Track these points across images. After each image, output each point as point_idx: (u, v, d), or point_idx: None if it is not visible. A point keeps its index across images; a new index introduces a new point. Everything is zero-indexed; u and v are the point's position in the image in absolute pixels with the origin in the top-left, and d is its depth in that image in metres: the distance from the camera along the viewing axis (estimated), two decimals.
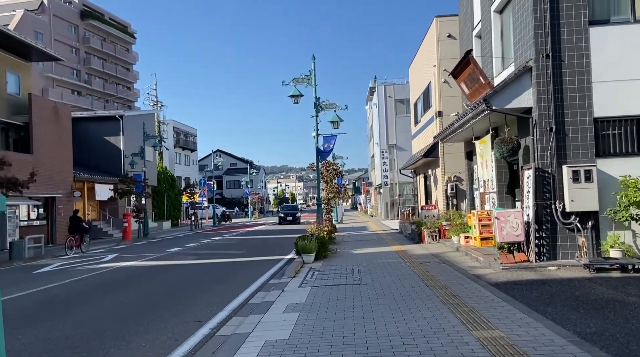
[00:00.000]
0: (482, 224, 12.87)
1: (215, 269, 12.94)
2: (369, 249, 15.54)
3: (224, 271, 12.59)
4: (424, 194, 20.98)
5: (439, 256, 12.77)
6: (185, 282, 10.94)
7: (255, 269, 12.57)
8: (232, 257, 15.65)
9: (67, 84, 69.34)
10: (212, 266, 13.75)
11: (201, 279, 11.31)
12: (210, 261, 14.76)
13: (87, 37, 73.25)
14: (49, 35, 65.84)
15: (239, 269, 12.84)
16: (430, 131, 19.18)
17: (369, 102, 57.02)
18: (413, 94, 23.11)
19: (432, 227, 16.06)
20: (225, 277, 11.40)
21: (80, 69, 73.44)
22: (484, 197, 14.28)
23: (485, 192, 14.18)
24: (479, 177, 14.45)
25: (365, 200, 63.62)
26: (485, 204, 14.02)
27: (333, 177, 23.92)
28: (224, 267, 13.40)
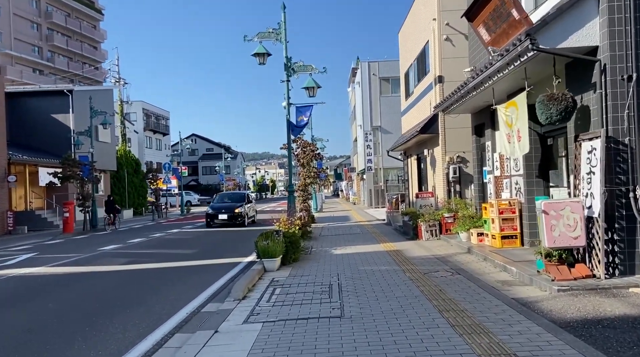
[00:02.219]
0: (503, 217, 9.65)
1: (139, 281, 9.49)
2: (353, 248, 12.26)
3: (149, 283, 9.15)
4: (417, 179, 17.80)
5: (446, 260, 9.52)
6: (76, 307, 7.45)
7: (196, 280, 9.16)
8: (177, 259, 12.19)
9: (27, 62, 64.19)
10: (139, 274, 10.28)
11: (105, 300, 7.86)
12: (143, 266, 11.28)
13: (49, 12, 68.03)
14: (7, 8, 60.58)
15: (175, 280, 9.41)
16: (426, 103, 15.86)
17: (351, 84, 53.52)
18: (404, 63, 19.75)
19: (430, 219, 12.84)
20: (142, 297, 7.96)
21: (42, 46, 68.25)
22: (499, 182, 11.06)
23: (501, 176, 10.96)
24: (494, 157, 11.22)
25: (347, 187, 60.46)
26: (503, 191, 10.80)
27: (311, 159, 20.52)
28: (154, 276, 9.95)
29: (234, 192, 31.47)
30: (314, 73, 13.57)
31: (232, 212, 21.38)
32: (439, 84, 14.00)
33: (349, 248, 12.40)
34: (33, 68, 67.06)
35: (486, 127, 11.61)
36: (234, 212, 21.43)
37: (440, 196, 14.34)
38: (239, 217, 21.36)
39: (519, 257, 8.44)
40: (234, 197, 24.49)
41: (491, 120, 11.30)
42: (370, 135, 35.56)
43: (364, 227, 18.89)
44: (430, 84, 14.88)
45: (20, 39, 64.53)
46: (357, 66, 43.99)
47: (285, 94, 13.73)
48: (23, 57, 63.64)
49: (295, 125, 13.69)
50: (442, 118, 13.96)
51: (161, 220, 30.91)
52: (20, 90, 30.23)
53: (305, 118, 13.75)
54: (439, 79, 13.98)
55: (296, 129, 13.75)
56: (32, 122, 29.37)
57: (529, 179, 9.43)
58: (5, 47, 61.20)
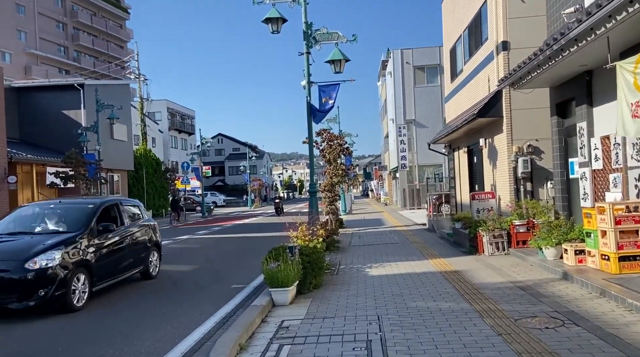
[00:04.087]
0: (621, 229, 6.56)
1: (96, 322, 6.84)
2: (393, 265, 9.34)
3: (107, 326, 6.47)
4: (468, 177, 14.71)
5: (538, 293, 6.50)
6: None
7: (174, 320, 6.42)
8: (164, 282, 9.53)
9: (53, 62, 63.52)
10: (100, 311, 7.64)
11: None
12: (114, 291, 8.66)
13: (75, 11, 67.37)
14: (32, 7, 59.95)
15: (140, 322, 6.70)
16: (481, 81, 12.78)
17: (381, 78, 50.37)
18: (449, 37, 16.64)
19: (495, 228, 9.78)
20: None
21: (68, 46, 67.66)
22: (602, 177, 7.95)
23: (606, 169, 7.86)
24: (591, 144, 8.11)
25: (378, 186, 57.26)
26: (609, 190, 7.70)
27: (338, 154, 17.62)
28: (122, 312, 7.29)
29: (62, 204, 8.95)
30: (341, 42, 10.72)
31: None
32: (502, 53, 10.92)
33: (388, 266, 9.48)
34: (59, 68, 66.50)
35: (577, 104, 8.51)
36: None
37: (504, 196, 11.27)
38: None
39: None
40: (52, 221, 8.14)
41: (587, 92, 8.20)
42: (404, 129, 32.41)
43: (402, 233, 15.90)
44: (488, 55, 11.80)
45: (46, 38, 63.87)
46: (388, 58, 40.87)
47: (305, 70, 10.92)
48: (48, 57, 63.00)
49: (318, 109, 10.87)
50: (506, 96, 10.88)
51: (179, 223, 28.61)
52: (29, 84, 28.39)
53: (330, 100, 10.91)
54: (502, 46, 10.90)
55: (319, 114, 10.93)
56: (42, 119, 27.46)
57: None
58: (31, 47, 60.58)
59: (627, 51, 6.52)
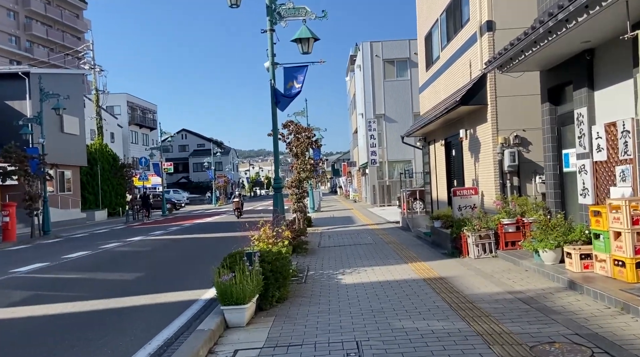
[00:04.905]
0: (638, 230, 5.58)
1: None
2: (369, 271, 8.19)
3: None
4: (446, 171, 13.72)
5: (545, 307, 5.46)
6: None
7: (90, 353, 5.06)
8: (100, 294, 8.08)
9: (3, 52, 59.74)
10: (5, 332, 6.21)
11: None
12: (37, 309, 7.20)
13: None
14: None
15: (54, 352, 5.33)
16: (461, 67, 11.78)
17: (349, 73, 49.37)
18: (424, 22, 15.59)
19: (482, 228, 8.76)
20: None
21: (19, 36, 63.93)
22: (607, 170, 7.00)
23: (611, 160, 6.91)
24: (593, 132, 7.16)
25: (347, 183, 56.31)
26: (615, 185, 6.75)
27: (306, 148, 16.39)
28: (33, 336, 5.88)
29: None
30: (310, 19, 9.49)
31: None
32: (487, 34, 9.92)
33: (363, 271, 8.34)
34: (10, 59, 62.69)
35: (576, 87, 7.54)
36: None
37: (488, 192, 10.31)
38: None
39: None
40: None
41: (588, 74, 7.24)
42: (374, 124, 31.45)
43: (374, 233, 14.82)
44: (470, 37, 10.80)
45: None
46: (356, 53, 39.88)
47: (269, 50, 9.63)
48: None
49: (283, 94, 9.60)
50: (491, 82, 9.90)
51: (134, 223, 26.78)
52: None
53: (297, 84, 9.66)
54: (487, 26, 9.90)
55: (284, 99, 9.66)
56: None
57: None
58: None
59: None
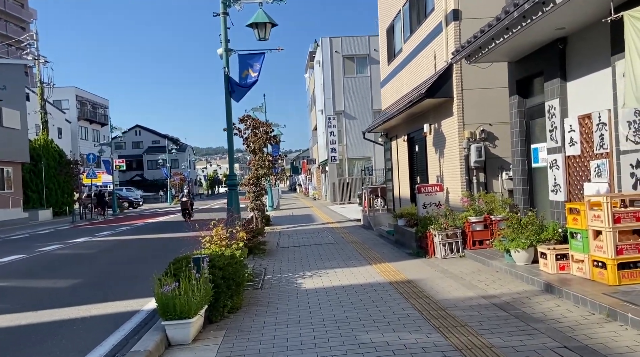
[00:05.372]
0: (621, 228, 5.22)
1: None
2: (331, 274, 7.59)
3: None
4: (408, 168, 13.32)
5: (527, 315, 5.01)
6: None
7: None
8: (26, 306, 7.12)
9: None
10: None
11: None
12: None
13: None
14: None
15: None
16: (426, 59, 11.37)
17: (308, 70, 48.81)
18: (385, 15, 15.12)
19: (449, 227, 8.32)
20: None
21: None
22: (581, 165, 6.66)
23: (586, 154, 6.58)
24: (565, 125, 6.83)
25: (306, 180, 55.71)
26: (590, 181, 6.41)
27: (264, 143, 15.64)
28: None
29: None
30: (267, 2, 8.78)
31: None
32: (453, 23, 9.51)
33: (325, 275, 7.73)
34: None
35: (547, 78, 7.19)
36: None
37: (454, 189, 9.92)
38: None
39: None
40: None
41: (560, 64, 6.89)
42: (334, 121, 30.98)
43: (335, 232, 14.26)
44: (435, 28, 10.38)
45: None
46: (315, 50, 39.34)
47: (222, 35, 8.85)
48: None
49: (238, 83, 8.84)
50: (457, 74, 9.48)
51: (80, 222, 25.23)
52: None
53: (253, 73, 8.92)
54: (453, 15, 9.48)
55: (239, 89, 8.89)
56: None
57: None
58: None
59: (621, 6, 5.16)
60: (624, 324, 4.28)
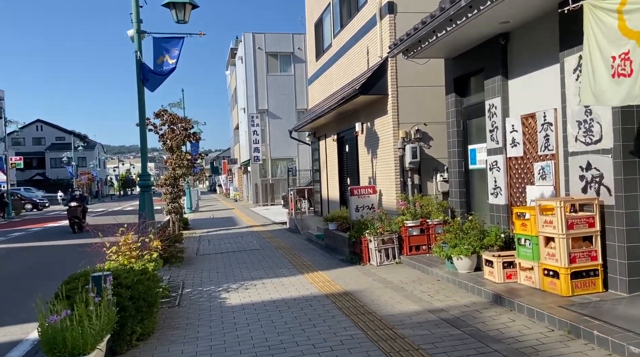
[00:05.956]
0: (572, 235, 4.92)
1: None
2: (259, 287, 6.78)
3: None
4: (338, 169, 12.79)
5: (485, 335, 4.53)
6: None
7: None
8: None
9: None
10: None
11: None
12: None
13: None
14: None
15: None
16: (357, 55, 10.89)
17: (230, 67, 47.26)
18: (313, 8, 14.48)
19: (385, 231, 7.83)
20: None
21: None
22: (524, 167, 6.40)
23: (529, 156, 6.33)
24: (507, 125, 6.55)
25: (227, 181, 53.97)
26: (534, 184, 6.15)
27: (182, 141, 14.42)
28: None
29: None
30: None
31: None
32: (388, 16, 9.07)
33: (252, 287, 6.91)
34: None
35: (488, 76, 6.90)
36: None
37: (388, 191, 9.49)
38: None
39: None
40: None
41: (502, 61, 6.61)
42: (257, 119, 29.99)
43: (261, 236, 13.41)
44: (368, 21, 9.90)
45: None
46: (237, 46, 38.07)
47: (133, 14, 7.71)
48: None
49: (153, 70, 7.76)
50: (392, 70, 9.05)
51: (3, 221, 22.26)
52: None
53: (170, 60, 7.87)
54: (388, 8, 9.03)
55: (155, 77, 7.79)
56: None
57: (628, 160, 4.81)
58: None
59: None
60: (589, 342, 3.92)
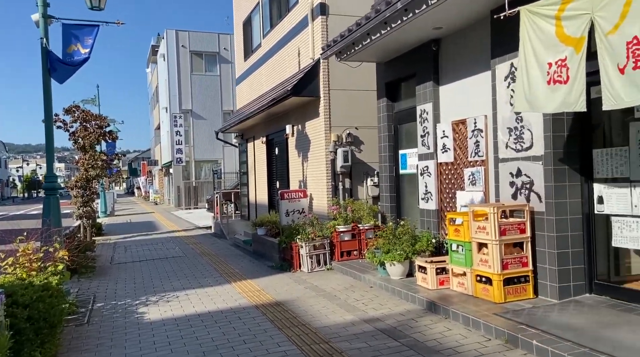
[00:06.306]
0: (505, 241, 4.93)
1: None
2: (182, 299, 6.25)
3: None
4: (267, 172, 12.37)
5: (423, 346, 4.37)
6: None
7: None
8: None
9: None
10: None
11: None
12: None
13: None
14: None
15: None
16: (288, 56, 10.61)
17: (150, 64, 45.23)
18: (241, 6, 13.97)
19: (317, 237, 7.59)
20: None
21: None
22: (455, 172, 6.41)
23: (459, 162, 6.36)
24: (438, 131, 6.56)
25: (146, 183, 51.44)
26: (463, 189, 6.17)
27: (97, 140, 13.31)
28: None
29: None
30: None
31: None
32: (320, 18, 8.86)
33: (174, 299, 6.37)
34: None
35: (420, 81, 6.88)
36: None
37: (319, 195, 9.26)
38: None
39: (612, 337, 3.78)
40: None
41: (434, 67, 6.61)
42: (181, 120, 28.77)
43: (184, 241, 12.69)
44: (299, 22, 9.64)
45: None
46: (159, 43, 36.48)
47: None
48: None
49: (62, 59, 6.92)
50: (324, 72, 8.84)
51: None
52: None
53: (83, 49, 7.06)
54: (320, 10, 8.82)
55: (64, 67, 6.94)
56: None
57: (558, 167, 4.90)
58: None
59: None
60: (528, 352, 3.87)
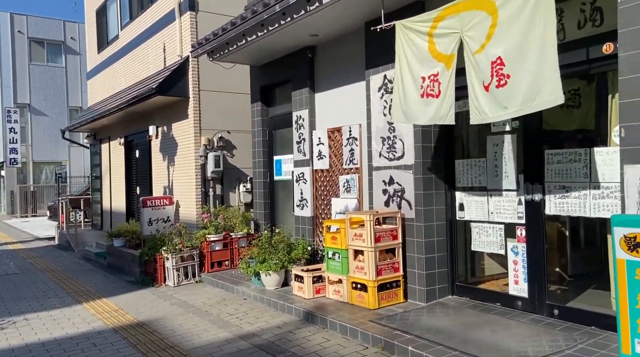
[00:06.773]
0: (380, 247, 5.06)
1: None
2: (22, 326, 5.32)
3: None
4: (126, 176, 11.20)
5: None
6: None
7: None
8: None
9: None
10: None
11: None
12: None
13: None
14: None
15: None
16: (152, 50, 9.81)
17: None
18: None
19: (185, 248, 7.08)
20: None
21: None
22: (332, 179, 6.46)
23: (334, 169, 6.44)
24: (314, 137, 6.58)
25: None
26: (345, 195, 6.25)
27: None
28: None
29: None
30: None
31: None
32: (188, 13, 8.27)
33: (12, 325, 5.42)
34: None
35: (295, 87, 6.83)
36: None
37: (187, 202, 8.64)
38: None
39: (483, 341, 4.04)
40: None
41: (309, 74, 6.61)
42: (16, 115, 25.22)
43: (21, 255, 10.99)
44: (166, 15, 8.93)
45: None
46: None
47: None
48: None
49: None
50: (194, 71, 8.27)
51: None
52: None
53: None
54: (189, 5, 8.23)
55: None
56: None
57: (426, 176, 5.15)
58: None
59: (408, 6, 4.96)
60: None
